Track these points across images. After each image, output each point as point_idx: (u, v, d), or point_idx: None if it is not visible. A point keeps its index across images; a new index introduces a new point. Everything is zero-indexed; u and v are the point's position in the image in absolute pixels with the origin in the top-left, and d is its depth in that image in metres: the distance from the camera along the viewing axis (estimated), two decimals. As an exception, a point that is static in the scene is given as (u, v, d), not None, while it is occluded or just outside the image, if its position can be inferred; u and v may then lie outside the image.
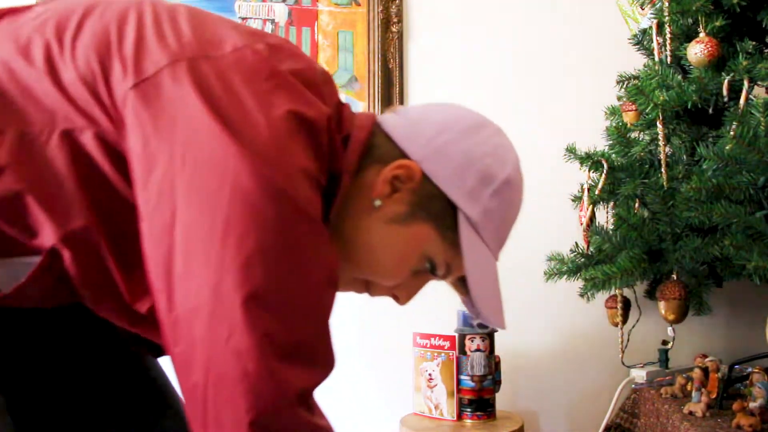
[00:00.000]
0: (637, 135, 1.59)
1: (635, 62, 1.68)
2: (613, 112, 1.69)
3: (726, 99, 1.38)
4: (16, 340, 0.79)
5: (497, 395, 1.64)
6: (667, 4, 1.42)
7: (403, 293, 0.81)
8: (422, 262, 0.77)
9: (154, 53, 0.64)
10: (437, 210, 0.75)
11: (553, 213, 1.89)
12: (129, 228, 0.63)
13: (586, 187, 1.61)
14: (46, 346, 0.83)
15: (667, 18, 1.43)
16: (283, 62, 0.67)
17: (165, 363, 0.90)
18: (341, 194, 0.72)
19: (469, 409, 1.59)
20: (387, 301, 2.18)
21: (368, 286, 0.82)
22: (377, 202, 0.74)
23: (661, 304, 1.41)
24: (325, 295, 0.67)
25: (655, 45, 1.51)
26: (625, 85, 1.61)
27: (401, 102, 1.96)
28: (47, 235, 0.63)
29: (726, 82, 1.36)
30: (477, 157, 0.74)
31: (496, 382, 1.63)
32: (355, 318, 1.90)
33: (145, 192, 0.62)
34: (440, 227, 0.75)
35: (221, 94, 0.62)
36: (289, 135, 0.63)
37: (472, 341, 1.60)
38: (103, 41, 0.65)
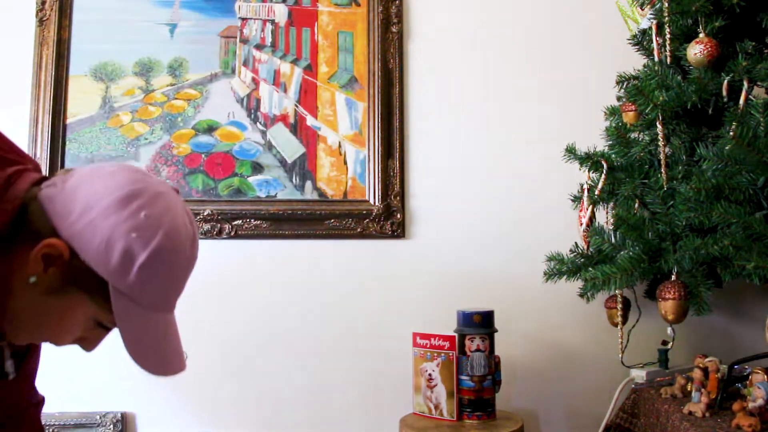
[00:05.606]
0: (636, 135, 1.59)
1: (635, 62, 1.69)
2: (613, 112, 1.69)
3: (726, 99, 1.38)
4: None
5: (497, 395, 1.64)
6: (667, 4, 1.42)
7: (85, 343, 0.89)
8: (89, 322, 0.85)
9: None
10: (90, 282, 0.80)
11: (553, 213, 1.89)
12: None
13: (586, 187, 1.61)
14: None
15: (666, 18, 1.44)
16: None
17: None
18: None
19: (469, 409, 1.59)
20: (387, 302, 2.17)
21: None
22: (32, 279, 0.80)
23: (661, 304, 1.41)
24: None
25: (654, 45, 1.51)
26: (625, 85, 1.61)
27: (401, 102, 1.96)
28: None
29: (726, 82, 1.36)
30: (120, 235, 0.79)
31: (496, 382, 1.63)
32: (355, 318, 1.90)
33: None
34: (95, 297, 0.82)
35: None
36: None
37: (472, 341, 1.60)
38: None
